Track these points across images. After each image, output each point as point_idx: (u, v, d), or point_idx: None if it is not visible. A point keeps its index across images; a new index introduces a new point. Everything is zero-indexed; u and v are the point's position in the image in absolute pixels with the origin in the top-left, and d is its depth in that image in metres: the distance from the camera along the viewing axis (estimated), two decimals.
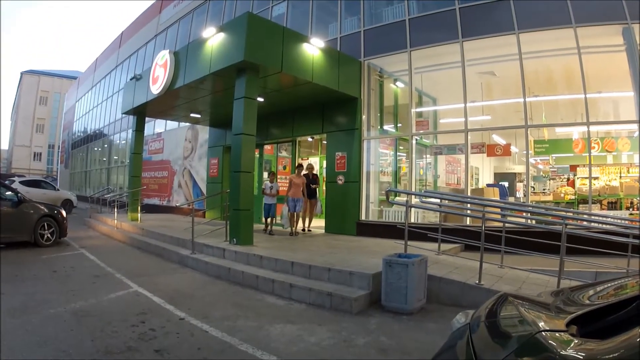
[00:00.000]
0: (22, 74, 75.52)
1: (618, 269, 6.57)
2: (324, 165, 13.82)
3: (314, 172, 13.40)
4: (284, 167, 15.98)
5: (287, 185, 11.72)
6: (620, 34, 9.59)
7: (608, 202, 10.82)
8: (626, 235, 6.80)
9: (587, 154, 10.12)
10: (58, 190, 23.65)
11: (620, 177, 11.38)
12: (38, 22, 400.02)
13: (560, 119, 11.50)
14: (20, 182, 19.99)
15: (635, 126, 9.91)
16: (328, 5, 14.69)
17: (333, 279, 6.92)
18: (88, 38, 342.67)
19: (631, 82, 9.37)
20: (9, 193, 10.90)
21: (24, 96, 73.09)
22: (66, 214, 12.22)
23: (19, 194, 11.07)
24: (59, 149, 54.41)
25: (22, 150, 72.54)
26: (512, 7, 10.54)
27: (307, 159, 16.26)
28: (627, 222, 8.81)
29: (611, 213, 10.21)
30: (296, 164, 13.13)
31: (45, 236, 11.15)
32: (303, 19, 14.86)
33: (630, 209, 10.50)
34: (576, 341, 1.47)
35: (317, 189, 12.99)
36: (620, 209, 10.62)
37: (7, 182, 14.46)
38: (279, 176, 16.87)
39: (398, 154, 13.02)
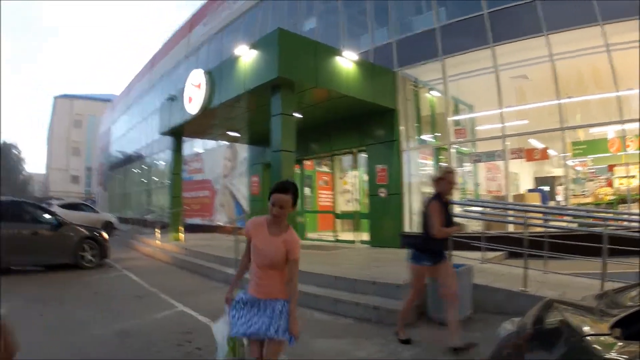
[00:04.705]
0: (55, 98, 77.14)
1: None
2: (365, 178, 13.73)
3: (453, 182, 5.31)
4: (325, 182, 15.99)
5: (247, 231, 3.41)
6: None
7: None
8: None
9: (623, 153, 9.92)
10: (98, 212, 24.05)
11: None
12: (69, 48, 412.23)
13: (594, 119, 11.23)
14: (59, 206, 20.31)
15: None
16: (358, 17, 14.69)
17: (379, 292, 6.84)
18: (119, 62, 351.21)
19: None
20: (47, 216, 11.13)
21: (58, 120, 74.62)
22: (107, 235, 12.39)
23: (58, 217, 11.27)
24: (96, 171, 55.54)
25: (59, 174, 73.94)
26: (538, 9, 10.40)
27: (346, 174, 16.15)
28: None
29: None
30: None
31: (87, 258, 11.28)
32: (334, 33, 14.93)
33: None
34: (620, 343, 1.51)
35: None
36: None
37: (44, 205, 14.75)
38: (320, 192, 16.64)
39: (438, 163, 12.83)
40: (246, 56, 10.81)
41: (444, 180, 5.12)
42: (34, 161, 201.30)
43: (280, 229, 3.27)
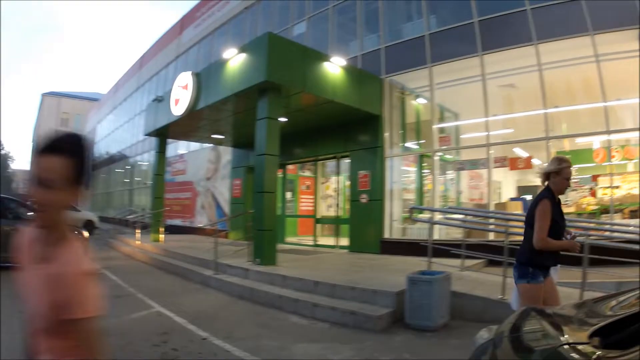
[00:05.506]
0: (42, 95, 76.46)
1: None
2: (347, 184, 13.74)
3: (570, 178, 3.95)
4: (307, 187, 16.00)
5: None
6: (637, 39, 9.33)
7: (630, 211, 10.58)
8: None
9: (608, 163, 10.00)
10: (80, 211, 23.75)
11: None
12: (57, 47, 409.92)
13: (581, 129, 11.33)
14: None
15: None
16: (348, 23, 14.76)
17: (357, 298, 6.86)
18: (108, 61, 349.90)
19: None
20: (30, 213, 10.95)
21: (45, 118, 73.79)
22: (88, 234, 12.24)
23: None
24: None
25: None
26: (529, 18, 10.47)
27: (329, 179, 16.26)
28: None
29: (633, 222, 10.01)
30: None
31: None
32: (323, 38, 14.97)
33: None
34: (598, 352, 1.50)
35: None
36: None
37: (28, 203, 14.57)
38: (302, 197, 16.69)
39: (421, 170, 12.92)
40: (235, 59, 10.80)
41: (560, 176, 3.81)
42: (19, 158, 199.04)
43: (52, 245, 1.48)
